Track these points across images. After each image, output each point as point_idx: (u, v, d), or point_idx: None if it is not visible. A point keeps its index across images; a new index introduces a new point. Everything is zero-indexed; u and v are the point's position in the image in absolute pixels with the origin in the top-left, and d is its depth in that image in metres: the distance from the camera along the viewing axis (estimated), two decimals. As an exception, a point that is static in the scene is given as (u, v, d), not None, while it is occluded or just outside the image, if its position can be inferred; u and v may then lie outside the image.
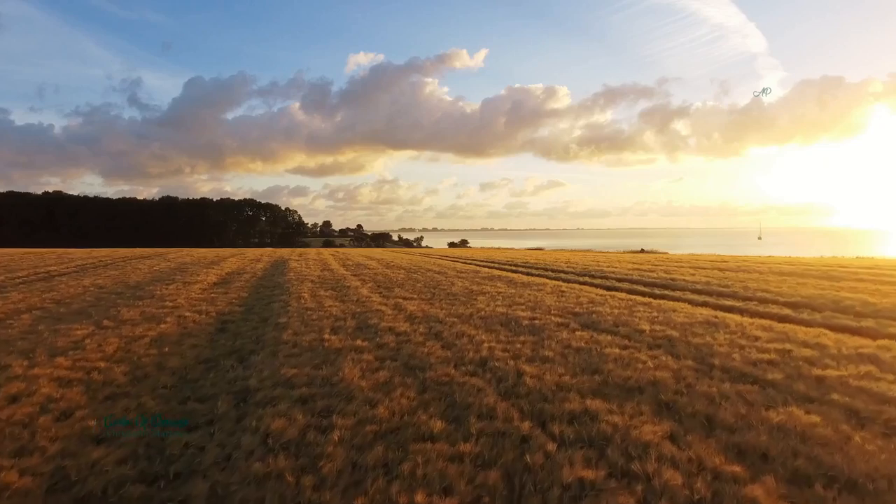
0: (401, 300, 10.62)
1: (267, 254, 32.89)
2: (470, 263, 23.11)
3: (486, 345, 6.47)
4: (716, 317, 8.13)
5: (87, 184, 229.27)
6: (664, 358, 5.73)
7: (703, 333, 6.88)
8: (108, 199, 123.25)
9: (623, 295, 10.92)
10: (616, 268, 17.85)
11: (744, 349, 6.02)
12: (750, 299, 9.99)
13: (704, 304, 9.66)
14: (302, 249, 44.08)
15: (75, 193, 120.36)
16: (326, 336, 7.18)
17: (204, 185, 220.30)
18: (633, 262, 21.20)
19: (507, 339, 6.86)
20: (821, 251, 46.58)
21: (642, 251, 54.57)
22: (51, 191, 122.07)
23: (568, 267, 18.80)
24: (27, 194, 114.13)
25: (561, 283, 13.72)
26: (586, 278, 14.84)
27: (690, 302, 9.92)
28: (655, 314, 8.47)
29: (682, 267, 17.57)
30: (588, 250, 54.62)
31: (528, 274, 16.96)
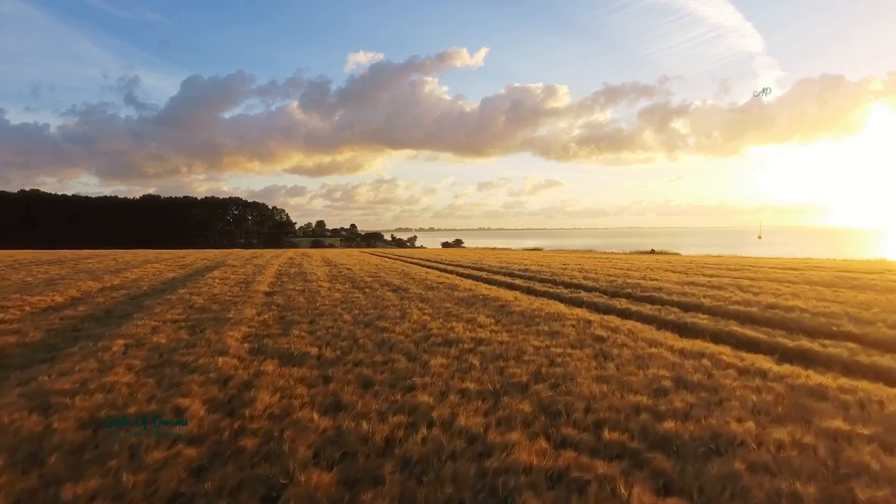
0: (265, 374, 5.05)
1: (210, 257, 27.23)
2: (451, 272, 17.55)
3: None
4: None
5: (84, 184, 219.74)
6: None
7: None
8: (87, 198, 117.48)
9: (727, 352, 5.38)
10: (657, 281, 12.30)
11: None
12: None
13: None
14: (264, 251, 38.56)
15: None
16: None
17: (201, 184, 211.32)
18: (670, 269, 15.65)
19: None
20: (822, 251, 42.13)
21: (652, 252, 49.14)
22: (28, 189, 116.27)
23: (585, 278, 13.26)
24: (4, 193, 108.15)
25: (588, 312, 8.20)
26: (624, 302, 9.32)
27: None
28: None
29: (757, 280, 12.01)
30: (590, 250, 49.09)
31: (530, 291, 11.44)
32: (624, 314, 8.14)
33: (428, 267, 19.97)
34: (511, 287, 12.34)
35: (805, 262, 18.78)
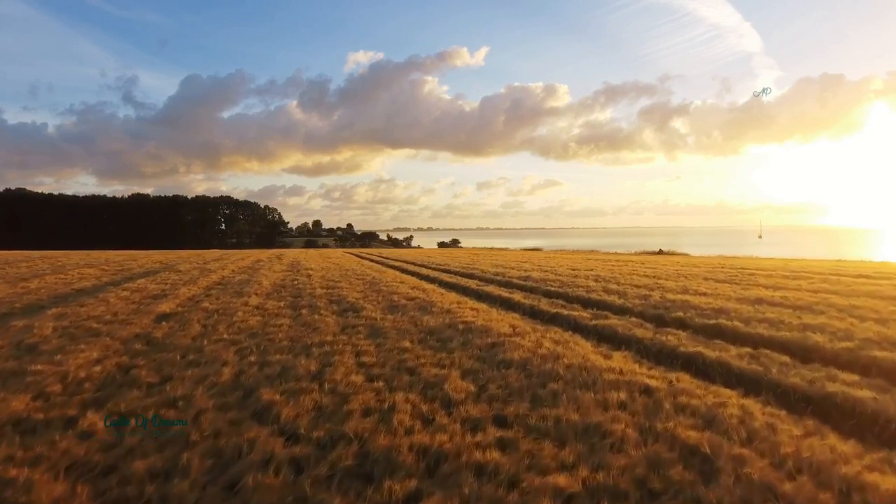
0: None
1: (165, 260, 23.84)
2: (434, 279, 14.21)
3: None
4: None
5: (82, 184, 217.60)
6: None
7: None
8: (74, 197, 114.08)
9: None
10: (708, 297, 8.96)
11: None
12: None
13: None
14: (235, 252, 35.32)
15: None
16: None
17: (199, 184, 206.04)
18: (710, 278, 12.33)
19: None
20: (827, 252, 40.25)
21: (661, 252, 45.91)
22: (14, 188, 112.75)
23: (607, 291, 9.92)
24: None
25: (635, 364, 4.89)
26: (684, 337, 5.97)
27: None
28: None
29: (849, 297, 8.65)
30: (593, 251, 45.78)
31: (534, 314, 8.14)
32: (697, 369, 4.81)
33: (408, 272, 16.64)
34: (508, 305, 9.03)
35: (870, 267, 15.51)
